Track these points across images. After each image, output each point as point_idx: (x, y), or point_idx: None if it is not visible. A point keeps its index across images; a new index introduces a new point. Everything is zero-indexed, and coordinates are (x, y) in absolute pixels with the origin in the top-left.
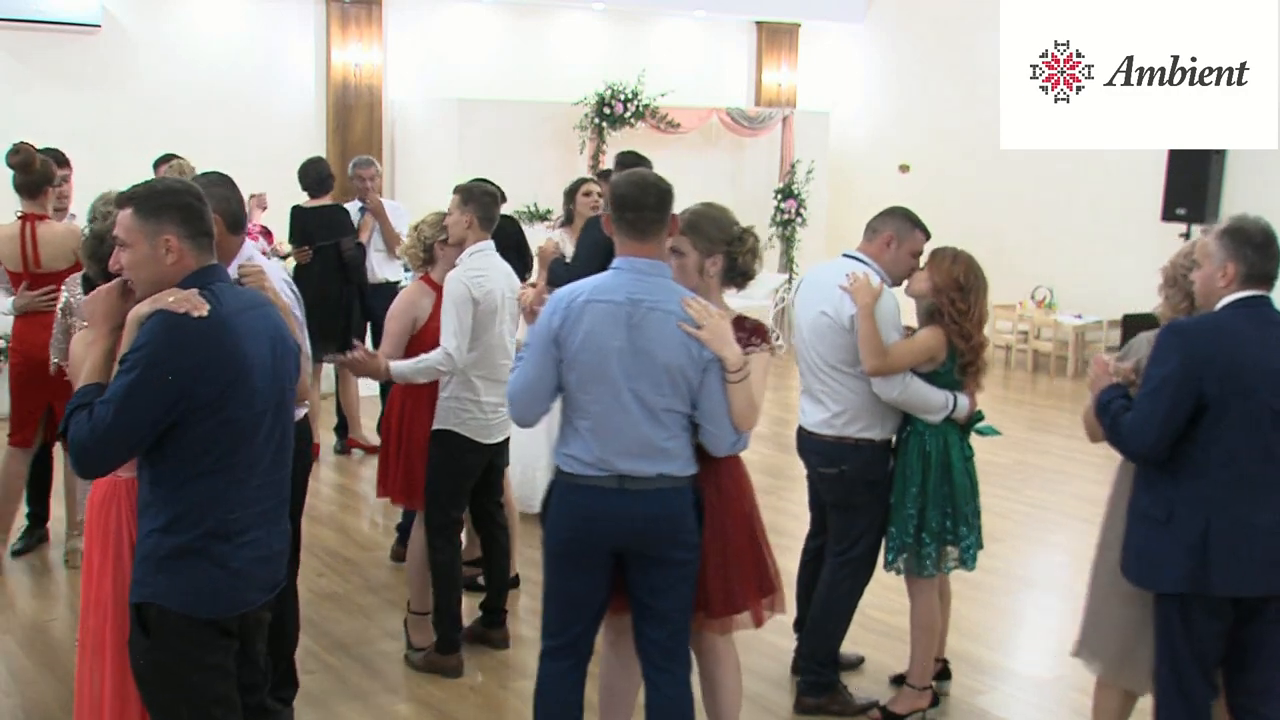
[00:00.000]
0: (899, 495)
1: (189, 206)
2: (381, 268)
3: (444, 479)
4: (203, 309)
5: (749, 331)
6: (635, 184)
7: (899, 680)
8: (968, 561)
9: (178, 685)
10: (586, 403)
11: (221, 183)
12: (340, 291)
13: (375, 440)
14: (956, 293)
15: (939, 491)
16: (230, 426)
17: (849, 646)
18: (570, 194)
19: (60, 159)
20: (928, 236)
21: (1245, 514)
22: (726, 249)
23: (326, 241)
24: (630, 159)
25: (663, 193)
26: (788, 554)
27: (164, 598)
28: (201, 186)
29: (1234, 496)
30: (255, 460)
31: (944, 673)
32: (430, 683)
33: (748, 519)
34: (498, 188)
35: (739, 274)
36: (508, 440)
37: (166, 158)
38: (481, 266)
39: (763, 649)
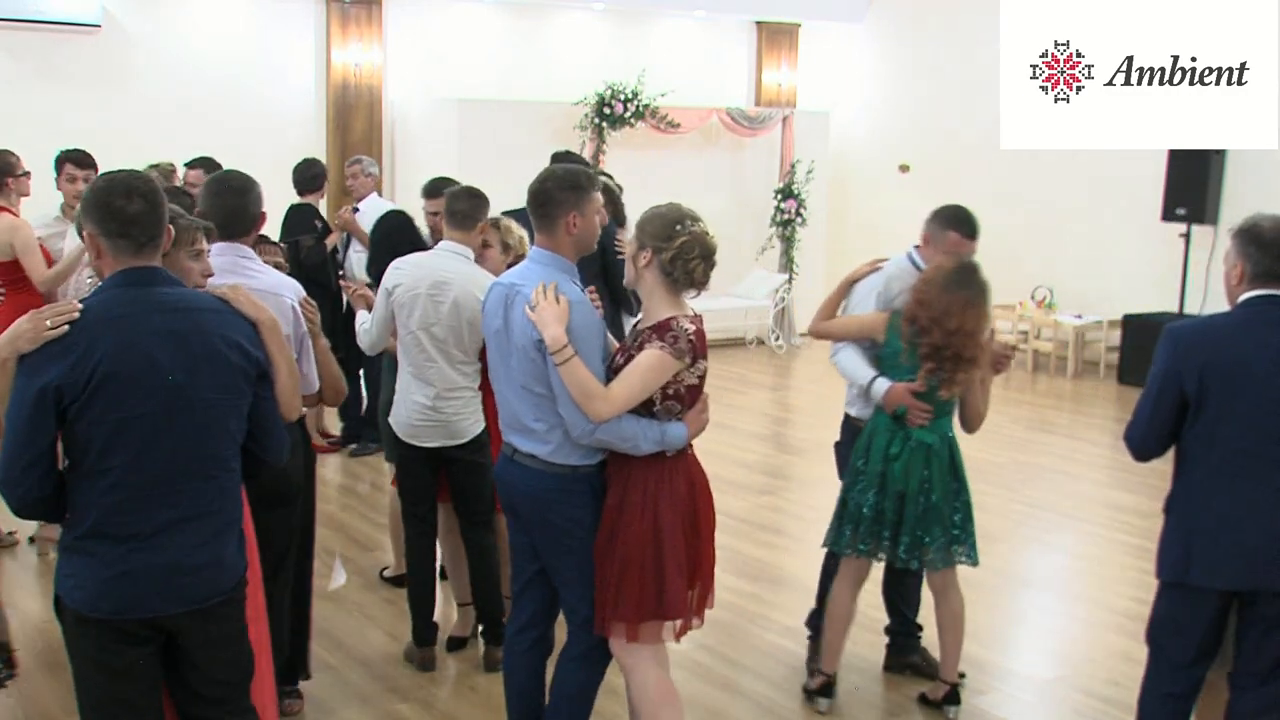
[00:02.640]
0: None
1: (106, 205)
2: (362, 269)
3: (397, 470)
4: (50, 332)
5: (656, 329)
6: (536, 179)
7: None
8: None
9: (78, 677)
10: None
11: (177, 195)
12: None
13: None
14: (919, 306)
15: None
16: (100, 428)
17: (850, 647)
18: None
19: (79, 160)
20: (967, 236)
21: (1227, 509)
22: (655, 246)
23: (287, 240)
24: (560, 156)
25: (547, 188)
26: (787, 554)
27: (63, 589)
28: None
29: (1217, 491)
30: (143, 464)
31: (952, 696)
32: (431, 683)
33: (649, 539)
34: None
35: (675, 276)
36: (476, 461)
37: (196, 162)
38: (413, 261)
39: (765, 648)
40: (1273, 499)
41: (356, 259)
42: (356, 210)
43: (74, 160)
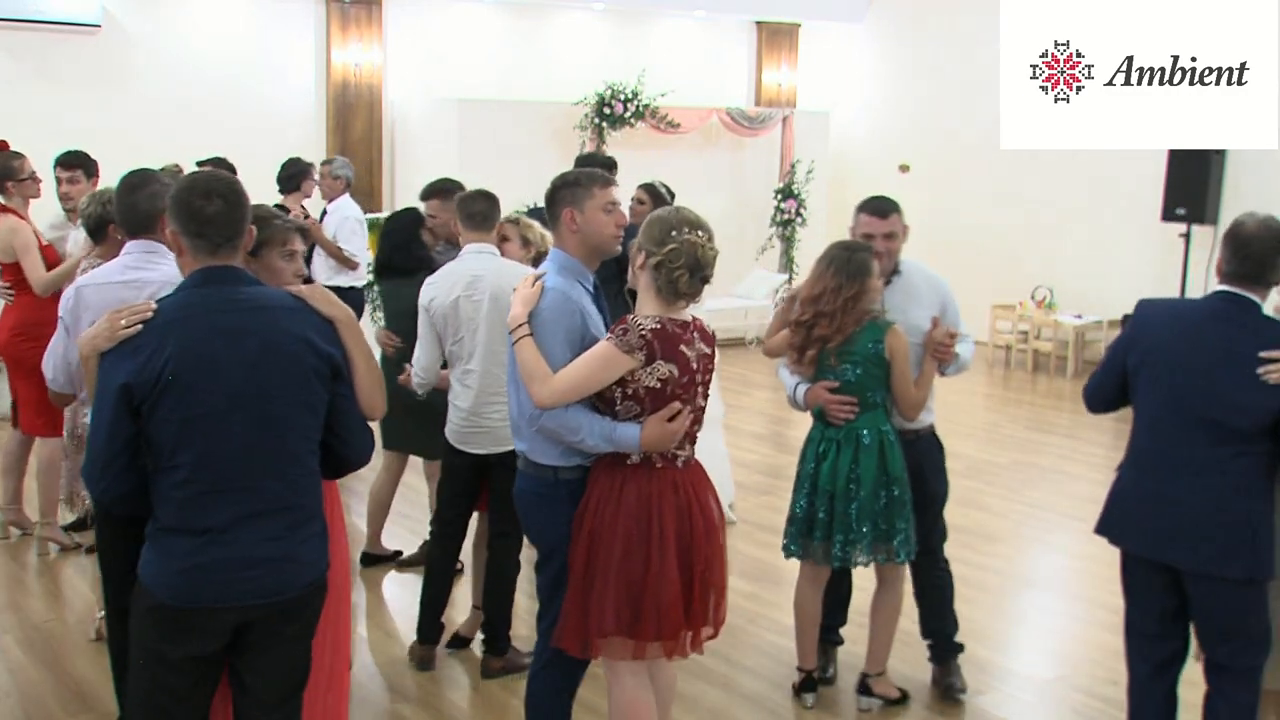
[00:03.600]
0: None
1: (187, 205)
2: (330, 274)
3: (442, 474)
4: (125, 331)
5: (615, 323)
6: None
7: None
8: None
9: (133, 666)
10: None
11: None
12: None
13: None
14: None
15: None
16: (169, 426)
17: (852, 649)
18: None
19: (65, 161)
20: (872, 214)
21: (1140, 479)
22: (649, 250)
23: None
24: (583, 160)
25: (551, 186)
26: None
27: (144, 574)
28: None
29: (1137, 462)
30: (212, 461)
31: (860, 686)
32: (431, 683)
33: (583, 552)
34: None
35: (659, 284)
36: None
37: (207, 163)
38: (444, 273)
39: (765, 648)
40: (1184, 478)
41: (321, 264)
42: (319, 217)
43: (61, 163)
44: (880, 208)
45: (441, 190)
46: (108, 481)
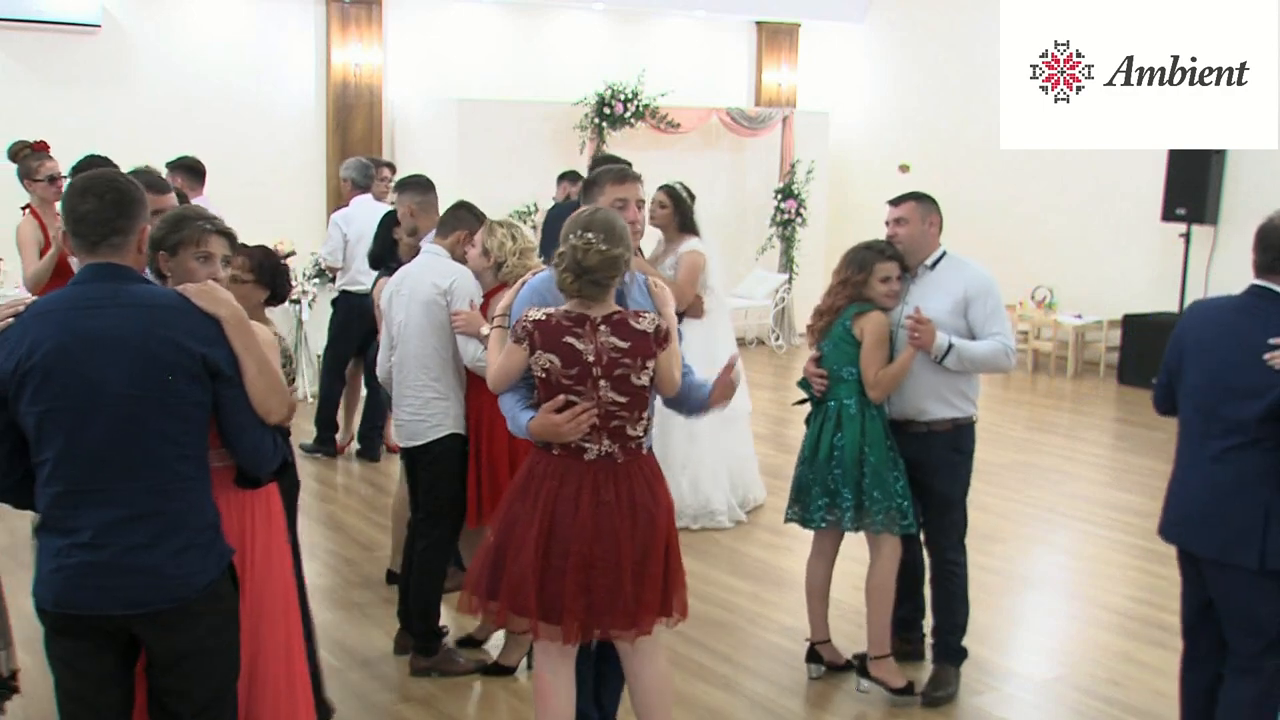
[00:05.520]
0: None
1: (66, 203)
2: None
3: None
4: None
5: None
6: None
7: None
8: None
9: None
10: None
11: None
12: None
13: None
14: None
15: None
16: (29, 419)
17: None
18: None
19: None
20: (890, 203)
21: (1178, 471)
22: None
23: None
24: (600, 160)
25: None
26: (787, 554)
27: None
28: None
29: (1178, 455)
30: (71, 459)
31: (858, 666)
32: (430, 682)
33: (497, 527)
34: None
35: (558, 281)
36: (433, 467)
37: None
38: (400, 269)
39: (765, 648)
40: (1203, 467)
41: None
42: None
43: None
44: (898, 196)
45: (400, 185)
46: None
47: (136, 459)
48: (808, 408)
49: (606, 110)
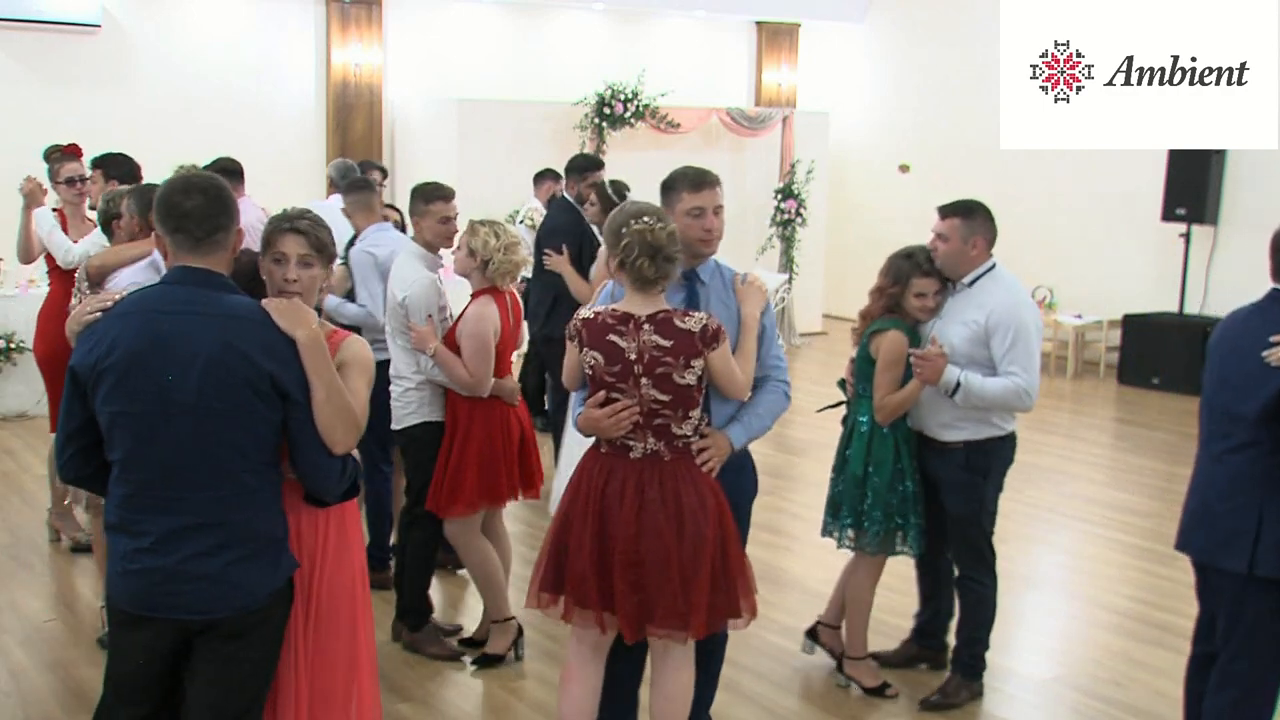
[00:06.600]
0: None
1: (165, 200)
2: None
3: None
4: (88, 317)
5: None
6: None
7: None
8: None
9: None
10: None
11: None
12: None
13: None
14: None
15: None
16: (103, 418)
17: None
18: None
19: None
20: (939, 214)
21: (1191, 479)
22: (612, 251)
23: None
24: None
25: None
26: (787, 554)
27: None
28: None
29: (1195, 462)
30: (140, 463)
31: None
32: (430, 682)
33: (557, 523)
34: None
35: (631, 277)
36: (414, 451)
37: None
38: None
39: (765, 648)
40: (1205, 468)
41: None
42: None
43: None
44: (948, 205)
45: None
46: (65, 460)
47: (203, 469)
48: (834, 412)
49: (606, 110)
